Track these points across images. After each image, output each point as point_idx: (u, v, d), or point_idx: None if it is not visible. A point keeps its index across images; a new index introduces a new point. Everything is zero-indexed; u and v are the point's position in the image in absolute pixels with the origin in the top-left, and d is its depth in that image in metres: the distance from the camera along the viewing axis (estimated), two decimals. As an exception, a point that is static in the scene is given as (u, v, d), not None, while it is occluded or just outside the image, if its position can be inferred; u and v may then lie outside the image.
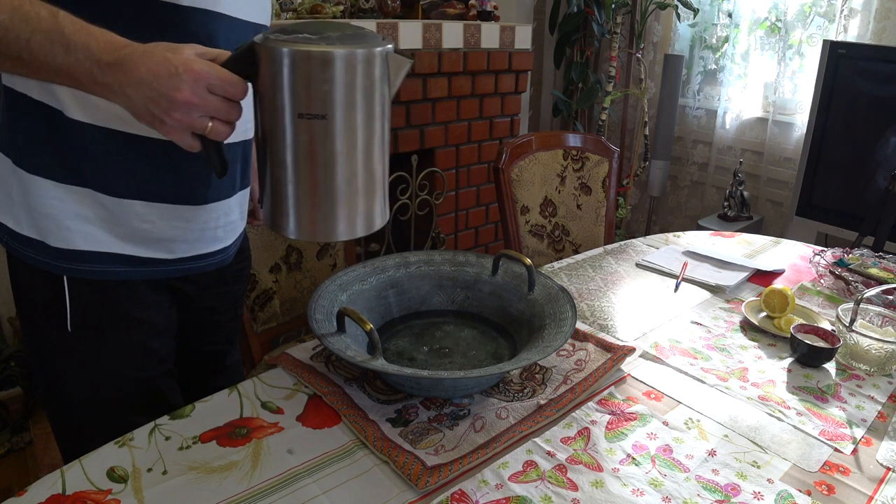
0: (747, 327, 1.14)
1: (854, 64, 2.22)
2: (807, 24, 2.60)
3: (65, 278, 0.79)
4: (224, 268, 0.97)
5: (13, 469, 1.77)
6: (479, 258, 1.12)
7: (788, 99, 2.71)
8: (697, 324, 1.15)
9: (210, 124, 0.65)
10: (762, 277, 1.37)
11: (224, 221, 0.91)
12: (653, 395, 0.91)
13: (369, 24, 2.05)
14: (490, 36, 2.45)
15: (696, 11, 2.83)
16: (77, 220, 0.78)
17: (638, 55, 3.06)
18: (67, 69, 0.64)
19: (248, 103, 0.75)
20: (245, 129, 0.89)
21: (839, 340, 1.01)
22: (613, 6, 2.89)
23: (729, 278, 1.33)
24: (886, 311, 1.08)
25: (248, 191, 0.98)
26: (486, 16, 2.46)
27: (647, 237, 1.60)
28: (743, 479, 0.75)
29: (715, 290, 1.29)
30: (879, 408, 0.91)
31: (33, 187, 0.77)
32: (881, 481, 0.76)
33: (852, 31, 2.43)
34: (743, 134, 2.88)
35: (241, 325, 1.19)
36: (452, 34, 2.32)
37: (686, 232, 1.66)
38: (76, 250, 0.79)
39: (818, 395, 0.93)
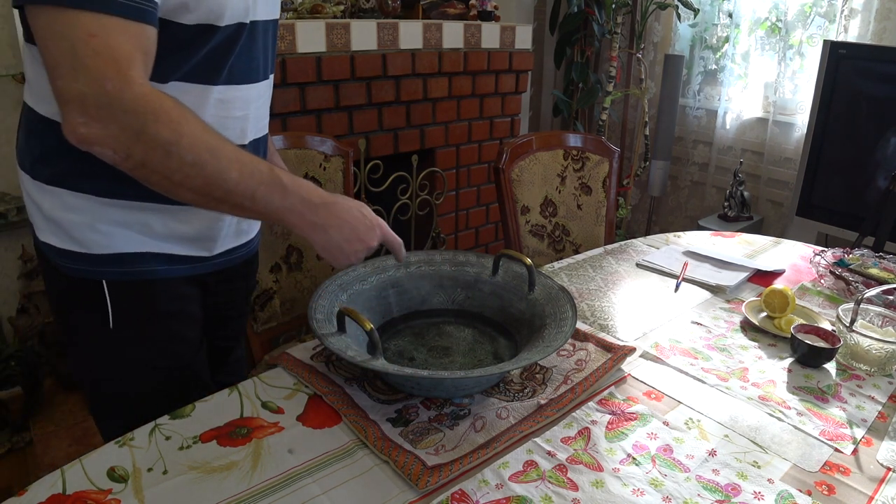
0: (748, 327, 1.14)
1: (854, 64, 2.22)
2: (807, 24, 2.60)
3: (104, 282, 0.82)
4: (237, 264, 0.99)
5: (13, 469, 1.77)
6: (479, 258, 1.12)
7: (789, 99, 2.71)
8: (698, 324, 1.15)
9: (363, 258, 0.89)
10: (762, 277, 1.37)
11: None
12: (653, 395, 0.91)
13: (370, 25, 2.05)
14: (490, 36, 2.45)
15: (696, 11, 2.83)
16: (119, 227, 0.81)
17: (638, 55, 3.06)
18: (281, 211, 0.78)
19: (264, 103, 0.92)
20: (262, 125, 0.95)
21: (839, 340, 1.01)
22: (614, 6, 2.89)
23: (729, 278, 1.33)
24: (887, 312, 1.08)
25: None
26: (487, 16, 2.46)
27: (648, 237, 1.60)
28: (743, 479, 0.75)
29: (715, 290, 1.29)
30: (880, 408, 0.91)
31: (75, 202, 0.79)
32: (881, 481, 0.76)
33: (853, 32, 2.43)
34: (743, 134, 2.88)
35: (245, 323, 1.21)
36: (453, 34, 2.32)
37: (686, 232, 1.66)
38: (118, 254, 0.82)
39: (818, 396, 0.93)
